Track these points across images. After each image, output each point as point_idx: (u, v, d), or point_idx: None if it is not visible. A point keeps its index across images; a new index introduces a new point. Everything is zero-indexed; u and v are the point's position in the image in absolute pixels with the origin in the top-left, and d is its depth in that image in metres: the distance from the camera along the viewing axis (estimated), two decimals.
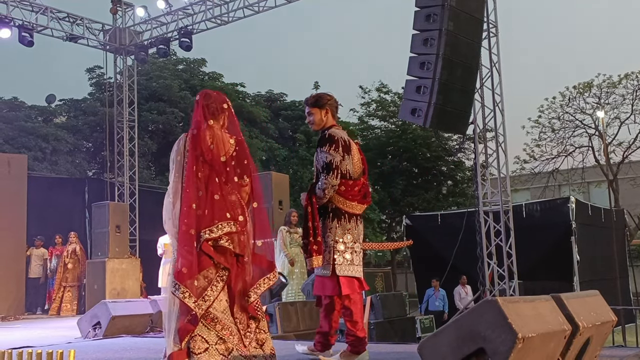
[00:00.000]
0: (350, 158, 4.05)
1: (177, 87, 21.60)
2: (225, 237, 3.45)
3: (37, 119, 21.52)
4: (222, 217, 3.46)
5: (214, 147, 3.55)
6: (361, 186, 4.09)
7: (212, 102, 3.67)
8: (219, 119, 3.66)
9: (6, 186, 12.32)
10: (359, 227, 4.07)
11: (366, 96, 26.66)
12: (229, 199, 3.51)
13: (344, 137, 4.08)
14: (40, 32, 13.28)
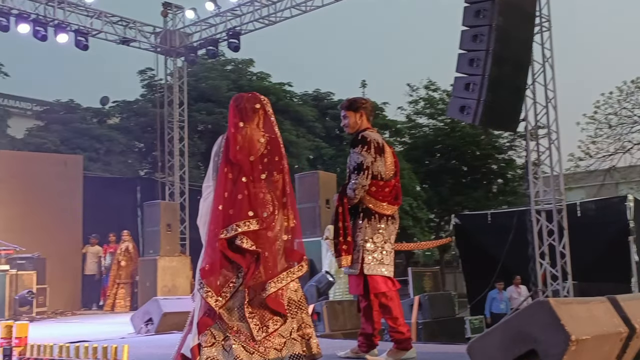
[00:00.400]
0: (382, 160, 4.10)
1: (225, 88, 21.85)
2: (240, 235, 3.52)
3: (91, 120, 22.11)
4: (242, 216, 3.54)
5: (242, 148, 3.65)
6: (392, 187, 4.14)
7: (243, 104, 3.76)
8: (251, 120, 3.74)
9: (63, 186, 12.72)
10: (390, 227, 4.11)
11: (414, 94, 26.49)
12: (254, 198, 3.59)
13: (377, 140, 4.14)
14: (95, 36, 13.63)
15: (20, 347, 4.26)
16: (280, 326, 3.55)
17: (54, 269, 11.66)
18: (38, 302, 10.41)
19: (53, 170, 12.80)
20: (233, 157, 3.64)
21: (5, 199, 12.05)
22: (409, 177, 23.05)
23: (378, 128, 17.57)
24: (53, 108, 23.04)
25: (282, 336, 3.55)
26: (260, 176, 3.64)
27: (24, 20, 12.16)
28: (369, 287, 3.97)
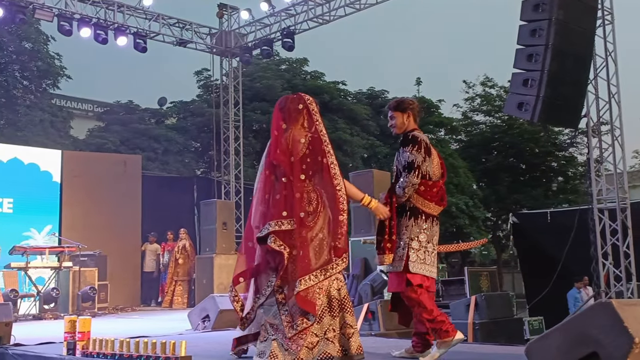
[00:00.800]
0: (430, 160, 4.11)
1: (279, 87, 22.00)
2: (271, 235, 3.61)
3: (149, 121, 22.62)
4: (276, 215, 3.63)
5: (283, 150, 3.73)
6: (439, 189, 4.15)
7: (287, 105, 3.87)
8: (295, 121, 3.83)
9: (123, 185, 13.06)
10: (434, 227, 4.11)
11: (470, 91, 26.07)
12: (291, 198, 3.65)
13: (426, 140, 4.15)
14: (153, 38, 13.95)
15: (83, 341, 4.39)
16: (310, 325, 3.57)
17: (115, 266, 11.99)
18: (100, 298, 10.72)
19: (113, 170, 13.16)
20: (274, 158, 3.73)
21: (69, 198, 12.46)
22: (465, 175, 22.70)
23: (433, 126, 17.42)
24: (113, 109, 23.69)
25: (315, 335, 3.60)
26: (300, 176, 3.69)
27: (86, 24, 12.54)
28: (409, 282, 3.96)
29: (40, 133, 18.15)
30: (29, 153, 12.62)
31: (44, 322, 9.03)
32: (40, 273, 10.51)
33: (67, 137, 20.25)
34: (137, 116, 22.10)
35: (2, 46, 18.70)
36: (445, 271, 13.53)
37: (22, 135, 17.37)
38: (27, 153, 12.59)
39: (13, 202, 11.94)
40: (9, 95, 18.78)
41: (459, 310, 7.22)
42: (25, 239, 11.56)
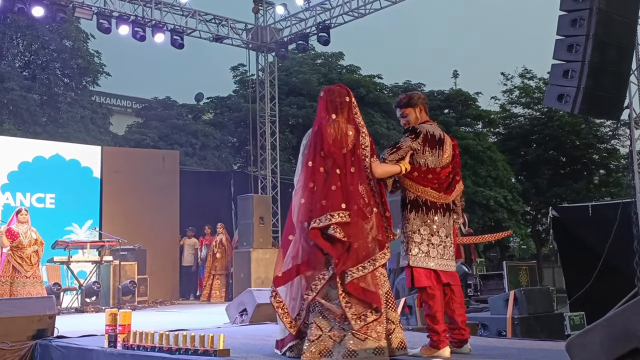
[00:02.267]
0: (437, 152, 4.05)
1: (315, 82, 22.02)
2: (334, 226, 3.57)
3: (187, 116, 22.88)
4: (335, 207, 3.59)
5: (335, 141, 3.71)
6: (436, 175, 4.02)
7: (335, 97, 3.83)
8: (342, 113, 3.81)
9: (161, 180, 13.23)
10: (440, 219, 4.00)
11: (508, 83, 25.68)
12: (347, 190, 3.63)
13: (433, 132, 4.08)
14: (190, 34, 14.08)
15: (124, 334, 4.47)
16: (379, 317, 3.58)
17: (154, 260, 12.16)
18: (139, 292, 10.89)
19: (152, 165, 13.34)
20: (327, 149, 3.70)
21: (109, 193, 12.68)
22: (503, 168, 22.41)
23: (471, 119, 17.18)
24: (151, 105, 24.03)
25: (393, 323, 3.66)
26: (350, 169, 3.69)
27: (124, 22, 12.72)
28: (413, 280, 3.90)
29: (81, 129, 18.51)
30: (70, 149, 12.88)
31: (86, 315, 9.21)
32: (82, 267, 10.72)
33: (106, 133, 20.61)
34: (174, 112, 22.37)
35: (44, 45, 19.11)
36: (483, 265, 13.36)
37: (64, 132, 17.74)
38: (69, 149, 12.84)
39: (55, 197, 12.21)
40: (51, 92, 19.20)
41: (497, 305, 7.13)
42: (67, 233, 11.81)
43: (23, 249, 8.27)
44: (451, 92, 24.76)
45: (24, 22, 17.86)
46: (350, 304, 3.57)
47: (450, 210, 4.09)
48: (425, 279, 3.88)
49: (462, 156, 18.84)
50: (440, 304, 3.91)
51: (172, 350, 4.02)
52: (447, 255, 3.98)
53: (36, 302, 5.85)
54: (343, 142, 3.73)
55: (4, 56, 19.01)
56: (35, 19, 12.78)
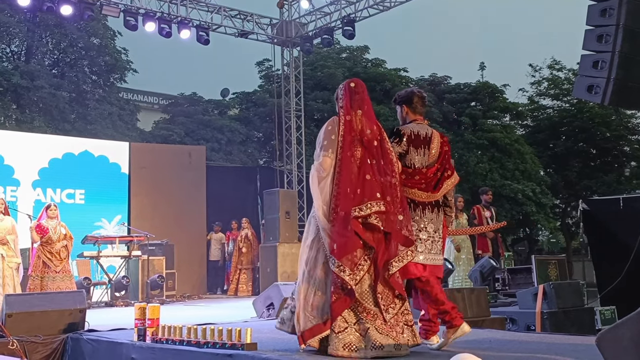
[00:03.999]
0: (422, 150, 4.13)
1: (340, 76, 21.95)
2: (374, 215, 3.60)
3: (213, 112, 23.00)
4: (372, 196, 3.63)
5: (364, 133, 3.78)
6: (422, 175, 4.12)
7: (360, 91, 3.90)
8: (363, 106, 3.89)
9: (188, 176, 13.33)
10: (427, 215, 4.09)
11: (537, 74, 25.33)
12: (379, 180, 3.70)
13: (417, 131, 4.16)
14: (215, 30, 14.15)
15: (152, 328, 4.52)
16: (400, 308, 3.66)
17: (182, 254, 12.28)
18: (167, 286, 11.00)
19: (179, 161, 13.45)
20: (364, 138, 3.76)
21: (137, 189, 12.82)
22: (531, 161, 22.13)
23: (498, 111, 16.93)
24: (178, 101, 24.18)
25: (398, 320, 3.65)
26: (380, 161, 3.77)
27: (150, 18, 12.82)
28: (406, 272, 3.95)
29: (109, 126, 18.73)
30: (98, 145, 13.04)
31: (116, 309, 9.33)
32: (111, 262, 10.87)
33: (134, 129, 20.81)
34: (201, 108, 22.50)
35: (72, 43, 19.35)
36: (511, 259, 13.22)
37: (92, 128, 17.96)
38: (97, 145, 13.01)
39: (85, 193, 12.38)
40: (79, 90, 19.44)
41: (526, 299, 7.05)
42: (96, 228, 11.97)
43: (52, 244, 8.40)
44: (478, 84, 24.51)
45: (52, 20, 18.10)
46: (381, 295, 3.62)
47: (439, 207, 4.16)
48: (414, 269, 3.94)
49: (490, 149, 18.75)
50: (438, 287, 4.02)
51: (200, 344, 4.05)
52: (435, 249, 4.08)
53: (67, 296, 5.94)
54: (372, 134, 3.80)
55: (34, 54, 19.30)
56: (63, 17, 12.96)
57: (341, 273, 3.52)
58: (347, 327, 3.54)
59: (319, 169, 3.72)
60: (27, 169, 11.83)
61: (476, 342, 4.22)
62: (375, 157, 3.76)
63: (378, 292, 3.61)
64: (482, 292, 6.45)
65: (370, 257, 3.63)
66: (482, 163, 21.83)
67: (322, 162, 3.72)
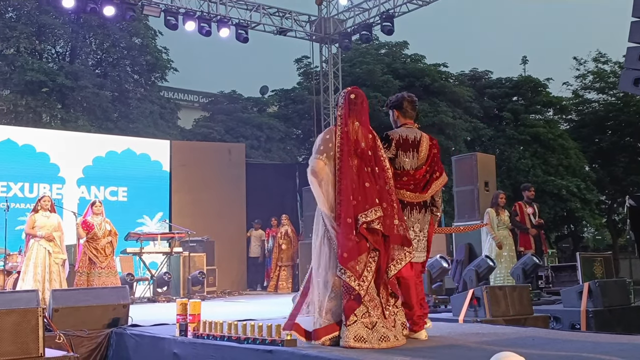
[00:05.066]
0: (411, 153, 4.35)
1: (379, 72, 21.84)
2: (376, 220, 3.86)
3: (252, 109, 23.13)
4: (373, 202, 3.89)
5: (359, 142, 3.99)
6: (410, 177, 4.32)
7: (359, 102, 4.10)
8: (363, 116, 4.10)
9: (228, 173, 13.45)
10: (415, 215, 4.31)
11: (581, 68, 24.78)
12: (375, 187, 3.94)
13: (405, 135, 4.37)
14: (254, 28, 14.23)
15: (194, 323, 4.57)
16: (393, 305, 3.96)
17: (222, 251, 12.38)
18: (208, 282, 11.11)
19: (219, 158, 13.58)
20: (358, 148, 3.98)
21: (178, 186, 12.99)
22: (576, 156, 21.69)
23: (541, 106, 16.64)
24: (217, 99, 24.40)
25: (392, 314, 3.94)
26: (375, 169, 4.00)
27: (190, 18, 12.97)
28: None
29: (150, 124, 18.99)
30: (140, 144, 13.26)
31: (158, 305, 9.47)
32: (153, 258, 11.04)
33: (174, 127, 21.06)
34: (240, 105, 22.65)
35: (115, 43, 19.68)
36: (555, 257, 12.97)
37: (134, 127, 18.25)
38: (139, 144, 13.22)
39: (127, 190, 12.60)
40: (122, 89, 19.77)
41: (570, 297, 6.91)
42: (138, 225, 12.17)
43: (98, 240, 8.56)
44: (520, 78, 24.10)
45: (96, 21, 18.44)
46: (381, 294, 3.91)
47: (427, 207, 4.37)
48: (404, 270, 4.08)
49: (532, 145, 18.44)
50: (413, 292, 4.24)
51: (240, 340, 4.07)
52: (420, 247, 4.33)
53: (111, 291, 6.06)
54: (367, 144, 4.02)
55: (78, 55, 19.71)
56: (106, 18, 13.20)
57: (349, 280, 3.77)
58: (356, 321, 3.78)
59: (312, 171, 3.93)
60: (72, 168, 12.09)
61: (519, 341, 4.15)
62: (370, 165, 3.98)
63: (380, 290, 3.90)
64: (524, 289, 6.34)
65: (375, 260, 3.88)
66: (525, 159, 21.48)
67: (314, 164, 3.93)
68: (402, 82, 21.96)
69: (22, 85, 16.69)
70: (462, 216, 10.46)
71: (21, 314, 4.19)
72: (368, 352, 3.62)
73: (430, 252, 4.49)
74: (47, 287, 7.67)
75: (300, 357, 3.60)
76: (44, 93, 17.04)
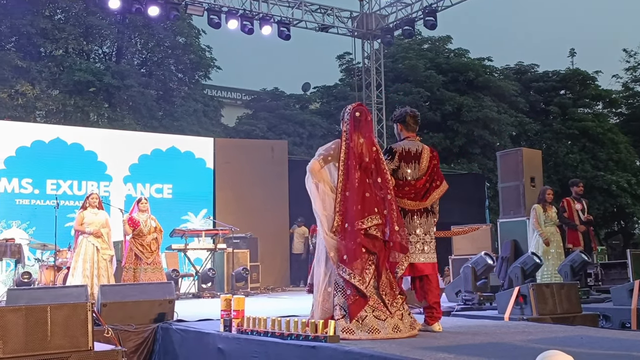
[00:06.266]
0: (413, 165, 4.73)
1: (422, 67, 21.66)
2: (374, 227, 4.24)
3: (294, 106, 23.21)
4: (371, 211, 4.26)
5: (364, 156, 4.34)
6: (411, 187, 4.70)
7: (363, 118, 4.46)
8: (366, 131, 4.46)
9: (270, 170, 13.51)
10: (416, 221, 4.67)
11: (631, 60, 24.12)
12: (375, 197, 4.31)
13: (407, 148, 4.75)
14: (296, 25, 14.26)
15: (238, 319, 4.60)
16: (401, 302, 4.32)
17: (265, 248, 12.45)
18: (252, 278, 11.18)
19: (261, 155, 13.64)
20: (361, 161, 4.33)
21: (221, 183, 13.11)
22: (626, 151, 21.14)
23: (590, 99, 16.34)
24: (260, 97, 24.55)
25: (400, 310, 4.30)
26: (377, 179, 4.37)
27: (233, 16, 13.08)
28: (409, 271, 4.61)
29: (194, 122, 19.24)
30: (184, 142, 13.42)
31: (202, 300, 9.57)
32: (198, 254, 11.18)
33: (218, 125, 21.28)
34: (282, 102, 22.76)
35: (159, 42, 20.00)
36: (605, 254, 12.66)
37: (179, 125, 18.51)
38: (183, 141, 13.39)
39: (172, 187, 12.79)
40: (166, 88, 20.07)
41: (620, 295, 6.72)
42: (183, 222, 12.34)
43: (143, 236, 8.71)
44: (568, 71, 23.60)
45: (140, 21, 18.77)
46: (384, 292, 4.27)
47: (428, 212, 4.74)
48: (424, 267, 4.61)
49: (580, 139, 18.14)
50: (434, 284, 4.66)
51: (283, 335, 4.09)
52: (428, 249, 4.67)
53: (157, 287, 6.15)
54: (371, 157, 4.37)
55: (124, 55, 20.09)
56: (151, 18, 13.42)
57: (351, 279, 4.14)
58: (367, 315, 4.15)
59: (309, 170, 4.40)
60: (118, 165, 12.33)
61: (567, 339, 4.06)
62: (373, 176, 4.36)
63: (381, 290, 4.25)
64: (572, 287, 6.19)
65: (373, 262, 4.26)
66: (573, 154, 21.05)
67: (310, 165, 4.40)
68: (445, 77, 21.75)
69: (70, 85, 17.11)
70: (507, 212, 10.29)
71: (71, 308, 4.28)
72: (410, 350, 3.59)
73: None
74: (96, 282, 7.85)
75: (343, 354, 3.60)
76: (92, 93, 17.44)
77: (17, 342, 4.01)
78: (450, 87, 21.41)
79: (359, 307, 4.12)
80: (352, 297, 4.13)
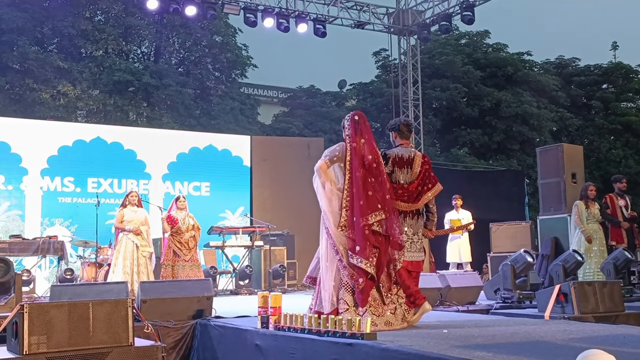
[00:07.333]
0: (405, 170, 5.12)
1: (459, 62, 21.43)
2: (376, 223, 4.60)
3: (330, 104, 23.22)
4: (375, 208, 4.62)
5: (370, 156, 4.73)
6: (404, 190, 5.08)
7: (362, 121, 4.88)
8: (365, 134, 4.84)
9: (307, 168, 13.41)
10: (407, 221, 5.06)
11: None
12: (378, 195, 4.67)
13: (400, 154, 5.16)
14: (332, 22, 14.24)
15: (275, 316, 4.63)
16: (396, 292, 4.73)
17: (302, 245, 12.45)
18: (289, 275, 11.21)
19: (298, 153, 13.65)
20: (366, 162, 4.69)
21: (258, 181, 13.19)
22: None
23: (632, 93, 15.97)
24: (296, 94, 24.63)
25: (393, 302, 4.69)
26: (379, 179, 4.73)
27: (269, 14, 13.14)
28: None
29: (231, 120, 19.41)
30: (221, 140, 13.54)
31: (240, 297, 9.65)
32: (235, 251, 11.26)
33: (254, 123, 21.42)
34: (318, 100, 22.79)
35: (196, 41, 20.22)
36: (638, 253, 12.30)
37: (216, 123, 18.69)
38: (220, 140, 13.51)
39: (210, 185, 12.92)
40: (204, 86, 20.29)
41: None
42: (220, 219, 12.44)
43: (181, 234, 8.81)
44: (610, 65, 23.08)
45: (178, 21, 19.01)
46: (381, 283, 4.65)
47: (419, 214, 5.15)
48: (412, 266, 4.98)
49: (624, 134, 17.75)
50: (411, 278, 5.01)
51: (320, 333, 4.09)
52: (414, 248, 5.06)
53: (195, 284, 6.22)
54: (373, 157, 4.76)
55: (162, 54, 20.38)
56: (188, 17, 13.57)
57: (363, 265, 4.49)
58: (348, 309, 4.49)
59: (317, 170, 4.81)
60: (157, 164, 12.50)
61: (609, 339, 3.98)
62: (375, 176, 4.72)
63: (380, 282, 4.63)
64: (615, 285, 6.06)
65: (376, 255, 4.60)
66: (616, 149, 20.60)
67: (319, 165, 4.79)
68: (484, 72, 21.49)
69: (110, 85, 17.42)
70: (547, 209, 10.12)
71: (112, 304, 4.36)
72: (448, 348, 3.56)
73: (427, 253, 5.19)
74: (136, 279, 7.97)
75: (379, 351, 3.59)
76: (131, 92, 17.73)
77: (60, 337, 4.11)
78: (489, 82, 21.15)
79: (368, 289, 4.52)
80: (362, 283, 4.49)
